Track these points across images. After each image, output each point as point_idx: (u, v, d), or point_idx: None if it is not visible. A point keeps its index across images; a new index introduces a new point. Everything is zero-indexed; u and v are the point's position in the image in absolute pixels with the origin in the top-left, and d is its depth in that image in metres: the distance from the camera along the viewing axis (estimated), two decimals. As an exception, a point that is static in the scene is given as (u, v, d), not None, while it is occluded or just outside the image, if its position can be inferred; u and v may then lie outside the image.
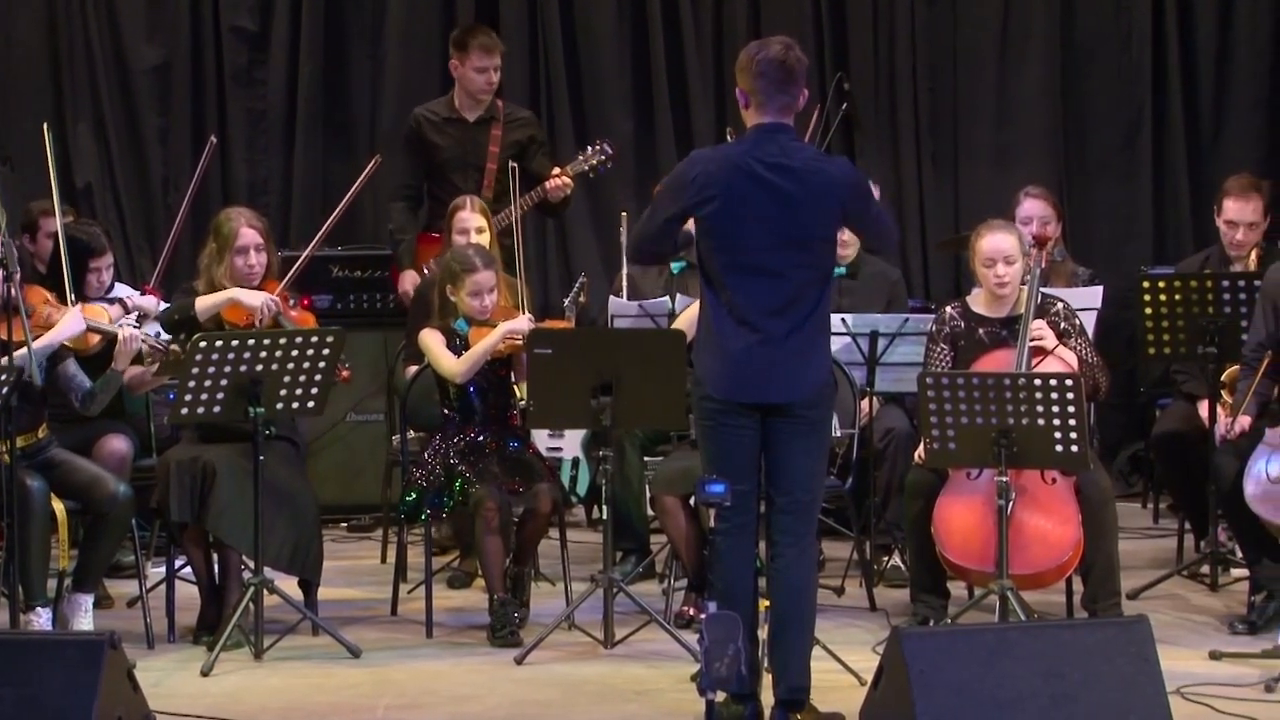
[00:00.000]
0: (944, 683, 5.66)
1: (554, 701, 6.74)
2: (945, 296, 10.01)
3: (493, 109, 9.40)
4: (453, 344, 7.71)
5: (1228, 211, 8.70)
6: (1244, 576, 7.94)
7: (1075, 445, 7.00)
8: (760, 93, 6.19)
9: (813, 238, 6.17)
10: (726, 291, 6.18)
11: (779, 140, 6.19)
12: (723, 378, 6.19)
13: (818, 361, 6.24)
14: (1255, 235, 8.68)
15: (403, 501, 7.75)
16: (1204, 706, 6.43)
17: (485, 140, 9.33)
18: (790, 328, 6.15)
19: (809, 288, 6.17)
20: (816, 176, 6.17)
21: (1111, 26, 10.93)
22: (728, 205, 6.15)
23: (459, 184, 9.18)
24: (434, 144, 9.37)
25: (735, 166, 6.18)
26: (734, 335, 6.17)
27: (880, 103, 10.90)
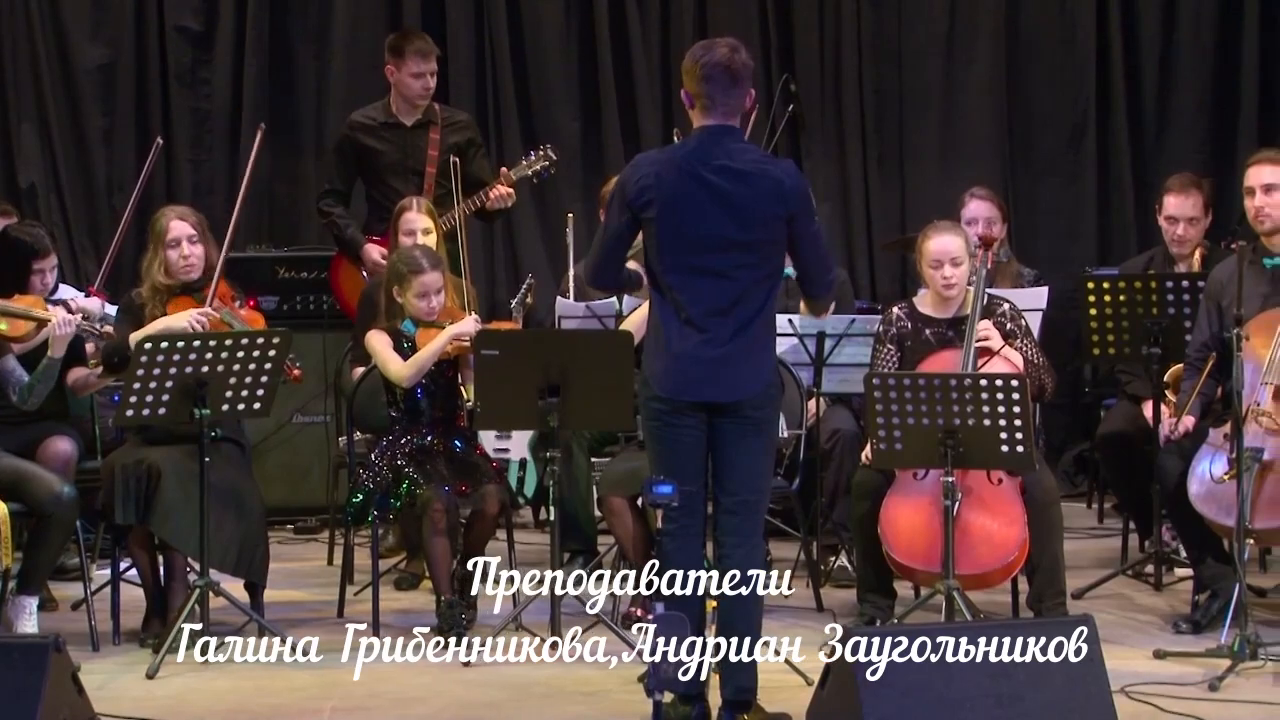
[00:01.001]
0: (890, 683, 5.67)
1: (501, 702, 6.73)
2: (892, 297, 10.05)
3: (430, 112, 9.37)
4: (400, 345, 7.69)
5: (1168, 207, 8.76)
6: (1188, 576, 7.98)
7: (1021, 446, 7.03)
8: (705, 95, 6.19)
9: (758, 239, 6.17)
10: (672, 292, 6.19)
11: (724, 142, 6.20)
12: (668, 377, 6.20)
13: (763, 362, 6.24)
14: (1196, 231, 8.73)
15: (349, 503, 7.73)
16: (1149, 705, 6.46)
17: (424, 144, 9.30)
18: (736, 328, 6.15)
19: (754, 288, 6.18)
20: (762, 178, 6.17)
21: (1056, 28, 10.98)
22: (673, 207, 6.15)
23: (399, 188, 9.15)
24: (372, 149, 9.32)
25: (680, 168, 6.18)
26: (679, 335, 6.17)
27: (826, 104, 10.92)
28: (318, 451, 9.63)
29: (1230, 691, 6.64)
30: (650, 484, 6.04)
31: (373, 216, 9.32)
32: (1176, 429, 7.67)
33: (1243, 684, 6.73)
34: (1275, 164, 7.71)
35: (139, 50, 10.59)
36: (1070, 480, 10.55)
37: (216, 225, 8.15)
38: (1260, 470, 7.26)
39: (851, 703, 5.67)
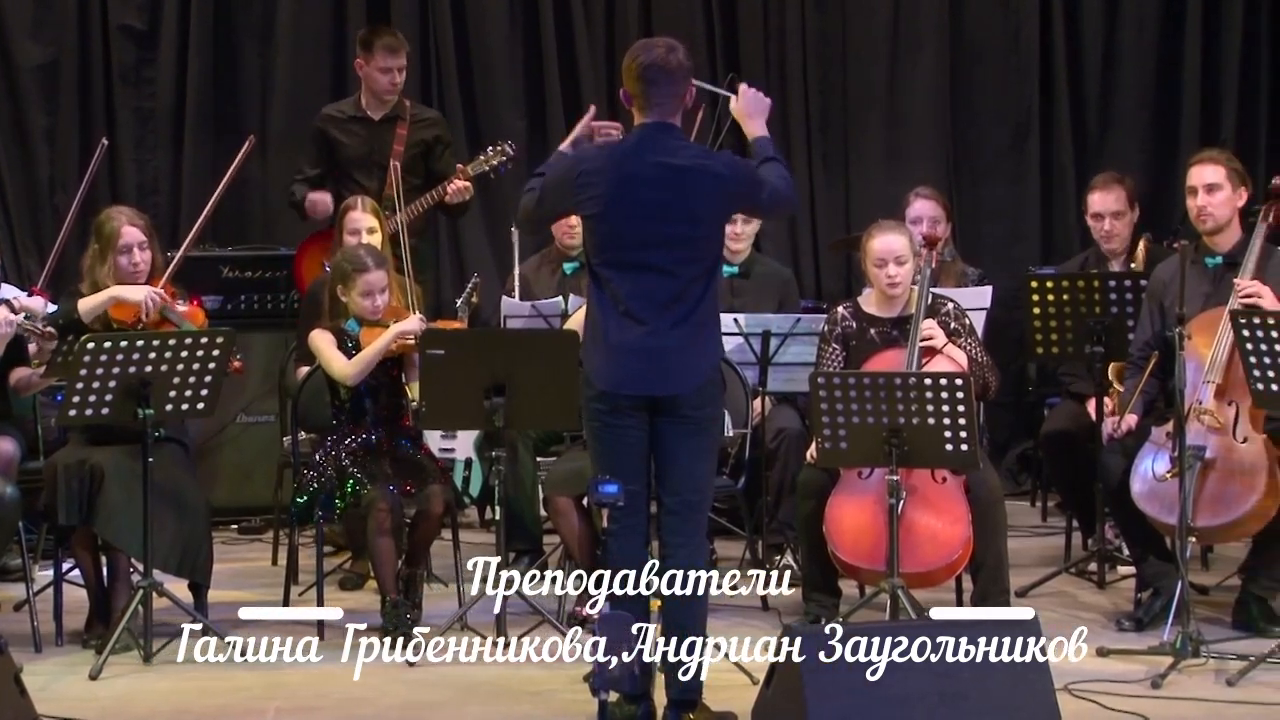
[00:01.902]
0: (836, 681, 5.69)
1: (446, 702, 6.72)
2: (837, 296, 10.06)
3: (399, 108, 9.40)
4: (344, 344, 7.68)
5: (1092, 205, 8.83)
6: (1131, 574, 8.02)
7: (965, 444, 7.06)
8: (643, 94, 6.22)
9: (697, 234, 6.19)
10: (611, 286, 6.20)
11: (663, 139, 6.22)
12: (608, 371, 6.20)
13: (703, 356, 6.24)
14: (1122, 225, 8.79)
15: (294, 503, 7.71)
16: (1091, 703, 6.50)
17: (390, 139, 9.33)
18: (675, 322, 6.16)
19: (694, 283, 6.19)
20: (701, 173, 6.19)
21: (1000, 28, 11.02)
22: (612, 203, 6.17)
23: (362, 182, 9.19)
24: (339, 142, 9.37)
25: (619, 165, 6.20)
26: (619, 329, 6.18)
27: (771, 103, 10.92)
28: (262, 451, 9.59)
29: (1173, 689, 6.68)
30: (596, 483, 6.05)
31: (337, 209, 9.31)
32: (1119, 427, 7.71)
33: (1185, 681, 6.76)
34: (1217, 164, 7.75)
35: (82, 49, 10.53)
36: (1014, 479, 10.59)
37: (160, 225, 8.11)
38: (1202, 469, 7.31)
39: (796, 701, 5.68)
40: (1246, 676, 6.75)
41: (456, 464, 8.97)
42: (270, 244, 9.90)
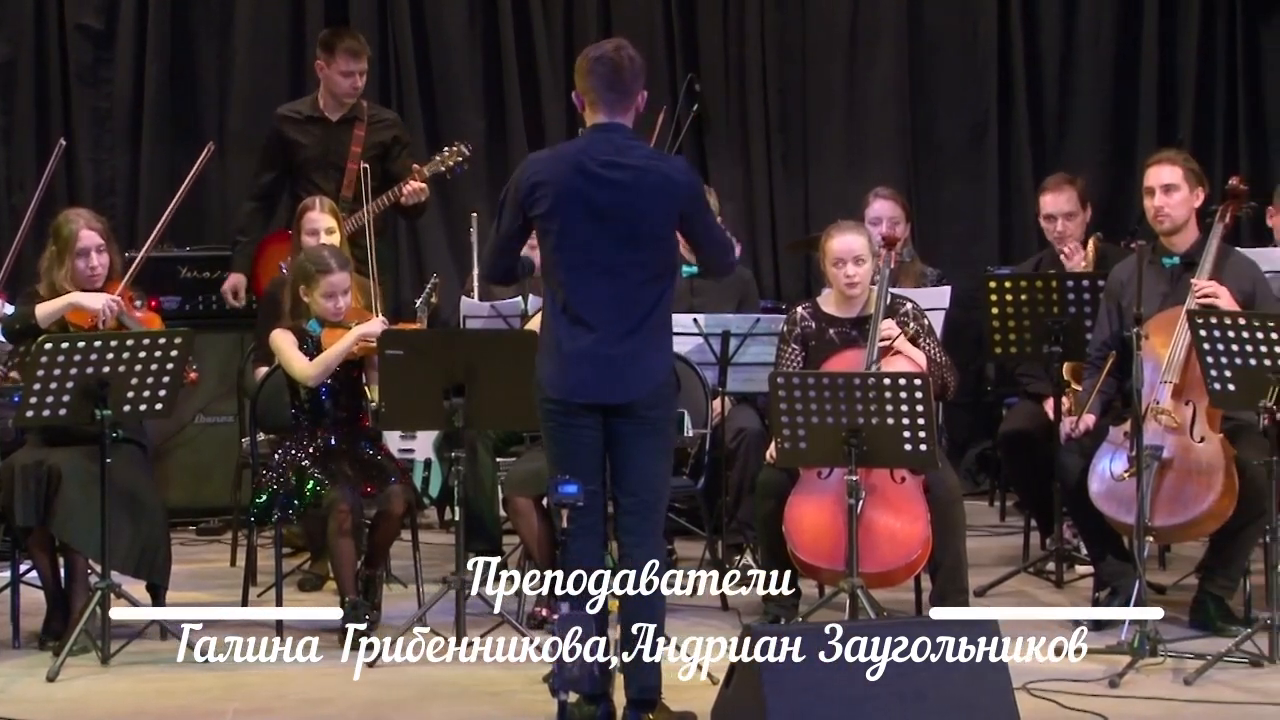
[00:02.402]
0: (795, 681, 5.69)
1: (405, 703, 6.71)
2: (796, 297, 10.08)
3: (357, 109, 9.38)
4: (305, 345, 7.66)
5: (1044, 206, 8.88)
6: (1089, 573, 8.04)
7: (924, 444, 7.07)
8: (593, 92, 6.21)
9: (649, 236, 6.16)
10: (563, 291, 6.18)
11: (614, 139, 6.20)
12: (559, 379, 6.19)
13: (656, 361, 6.22)
14: (1075, 226, 8.83)
15: (253, 504, 7.69)
16: (1050, 702, 6.51)
17: (348, 140, 9.30)
18: (628, 328, 6.14)
19: (646, 287, 6.17)
20: (652, 175, 6.17)
21: (958, 28, 11.05)
22: (563, 205, 6.15)
23: (320, 183, 9.17)
24: (296, 142, 9.34)
25: (569, 166, 6.17)
26: (570, 336, 6.16)
27: (730, 103, 10.95)
28: (221, 452, 9.57)
29: (1130, 688, 6.70)
30: (555, 484, 6.05)
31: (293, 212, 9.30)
32: (1077, 427, 7.74)
33: (1143, 680, 6.79)
34: (1174, 164, 7.78)
35: (39, 49, 10.49)
36: (972, 478, 10.62)
37: (117, 226, 8.09)
38: (1160, 468, 7.34)
39: (756, 701, 5.69)
40: (1204, 675, 6.78)
41: (416, 464, 8.95)
42: (228, 245, 9.86)
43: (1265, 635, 6.98)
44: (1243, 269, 7.75)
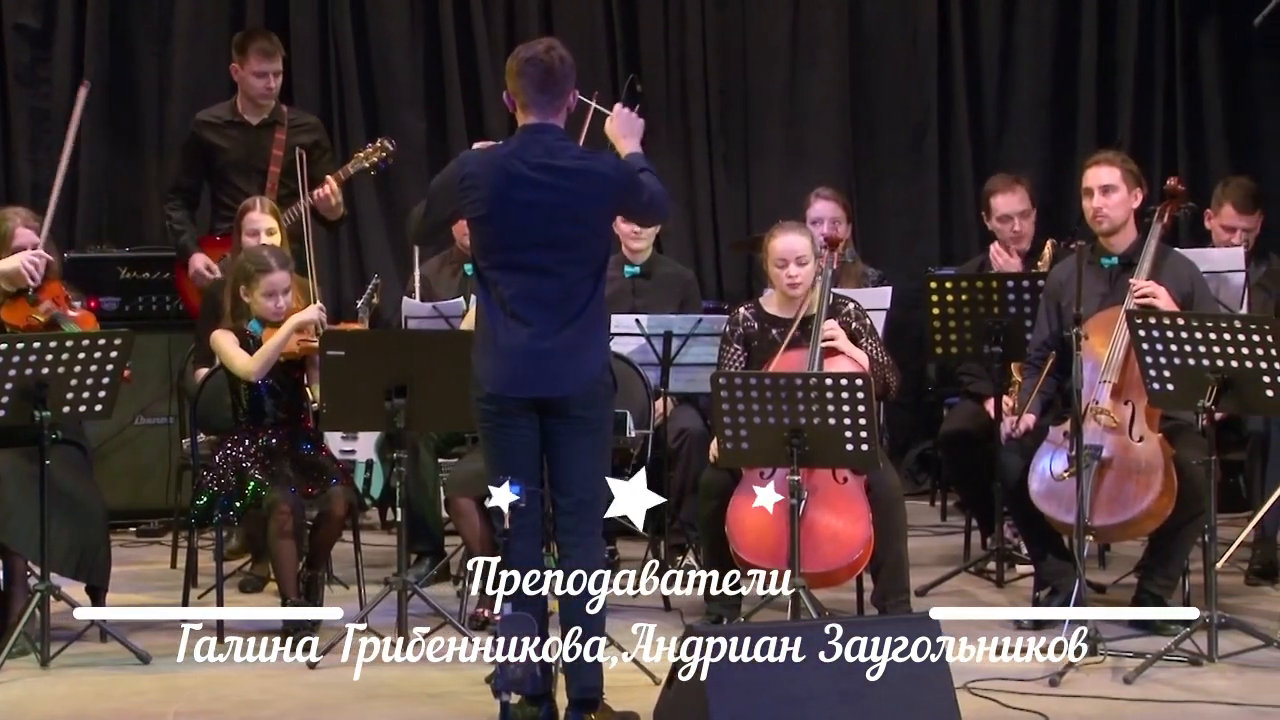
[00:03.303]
0: (737, 681, 5.70)
1: (347, 705, 6.69)
2: (738, 297, 10.09)
3: (277, 113, 9.33)
4: (246, 345, 7.64)
5: (998, 208, 8.89)
6: (1029, 573, 8.07)
7: (865, 444, 7.09)
8: (524, 93, 6.22)
9: (582, 235, 6.18)
10: (498, 289, 6.19)
11: (544, 140, 6.21)
12: (496, 373, 6.20)
13: (591, 357, 6.24)
14: (1029, 224, 8.88)
15: (193, 505, 7.66)
16: (991, 701, 6.53)
17: (268, 143, 9.25)
18: (562, 324, 6.16)
19: (580, 284, 6.19)
20: (583, 174, 6.18)
21: (898, 28, 11.08)
22: (495, 205, 6.16)
23: (242, 187, 9.11)
24: (216, 147, 9.28)
25: (501, 167, 6.18)
26: (506, 331, 6.17)
27: (672, 104, 10.96)
28: (160, 453, 9.53)
29: (1070, 686, 6.72)
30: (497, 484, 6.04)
31: (216, 216, 9.30)
32: (1017, 427, 7.77)
33: (1083, 679, 6.82)
34: (1112, 165, 7.82)
35: (-24, 48, 10.44)
36: (914, 478, 10.64)
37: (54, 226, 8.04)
38: (1099, 468, 7.38)
39: (698, 701, 5.69)
40: (1143, 674, 6.81)
41: (358, 465, 8.94)
42: (168, 245, 9.82)
43: (1204, 634, 7.02)
44: (1181, 269, 7.79)
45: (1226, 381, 6.98)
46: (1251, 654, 7.01)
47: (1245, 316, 7.60)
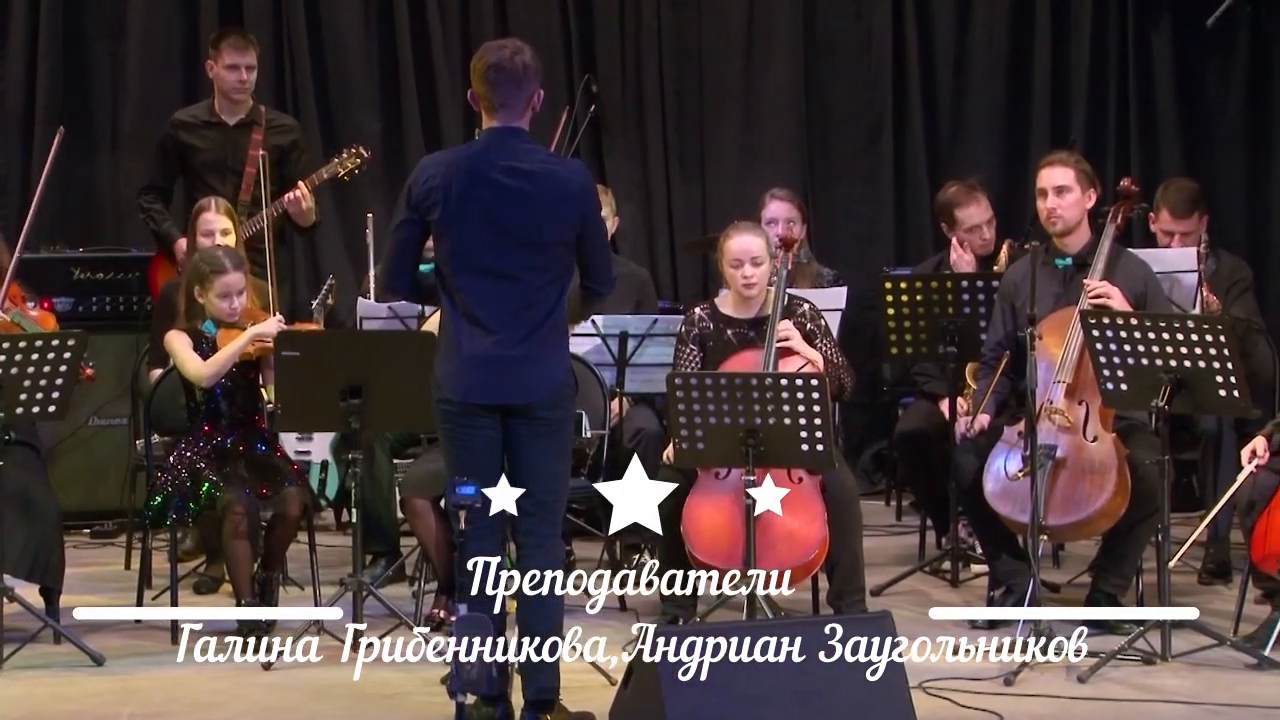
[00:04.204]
0: (692, 681, 5.70)
1: (302, 706, 6.68)
2: (693, 298, 10.09)
3: (254, 113, 9.32)
4: (200, 346, 7.61)
5: (965, 220, 8.92)
6: (984, 572, 8.10)
7: (821, 444, 7.10)
8: (488, 95, 6.20)
9: (547, 240, 6.17)
10: (461, 295, 6.17)
11: (511, 143, 6.19)
12: (459, 380, 6.19)
13: (555, 363, 6.23)
14: (993, 230, 8.91)
15: (147, 506, 7.64)
16: (945, 700, 6.55)
17: (245, 143, 9.24)
18: (527, 330, 6.15)
19: (545, 290, 6.18)
20: (550, 179, 6.17)
21: (853, 30, 11.09)
22: (460, 208, 6.14)
23: (216, 187, 9.09)
24: (192, 146, 9.27)
25: (466, 170, 6.17)
26: (470, 338, 6.16)
27: (627, 104, 10.95)
28: (115, 454, 9.49)
29: (1025, 685, 6.75)
30: (453, 485, 6.04)
31: None
32: (972, 427, 7.79)
33: (1037, 678, 6.84)
34: (1066, 165, 7.84)
35: (-72, 47, 10.39)
36: (869, 478, 10.66)
37: (9, 225, 8.01)
38: (1053, 468, 7.41)
39: (654, 701, 5.70)
40: (1097, 673, 6.84)
41: (313, 466, 8.91)
42: (122, 245, 9.79)
43: (1157, 633, 7.05)
44: (1135, 269, 7.83)
45: (1179, 381, 7.01)
46: (1204, 653, 7.05)
47: (1197, 316, 7.64)
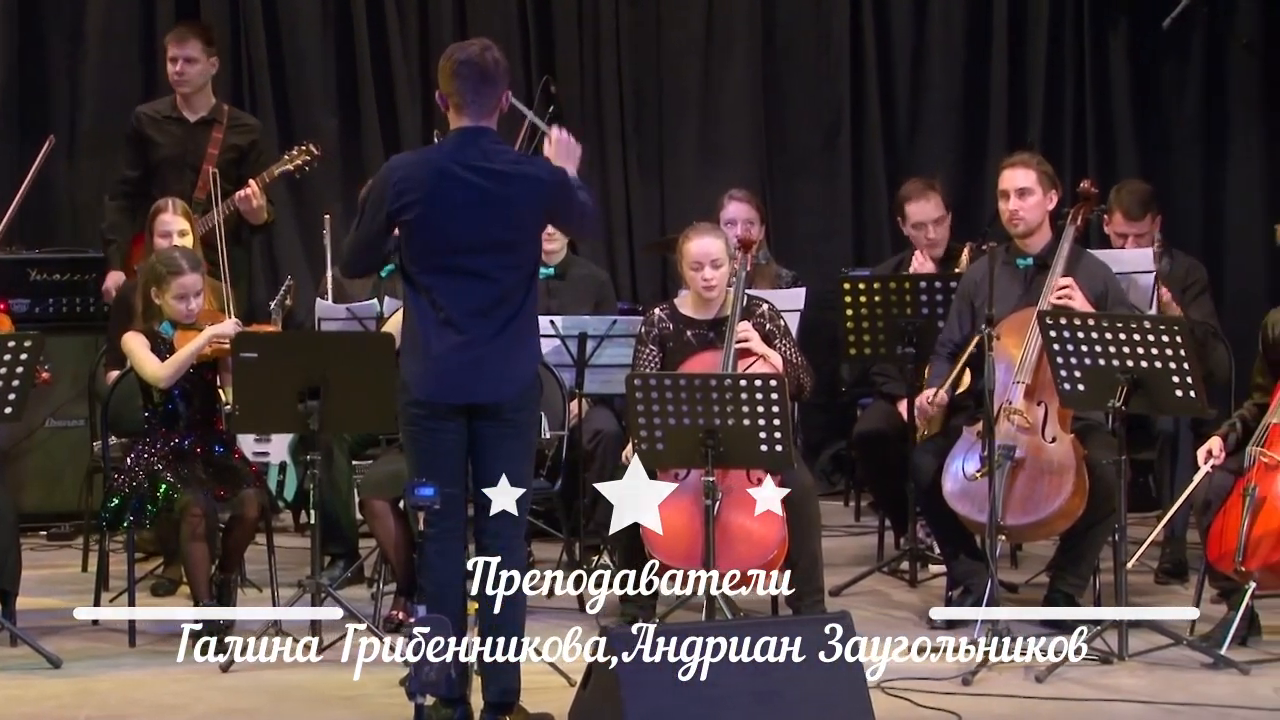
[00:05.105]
0: (652, 682, 5.71)
1: (261, 708, 6.67)
2: (652, 298, 10.09)
3: (216, 111, 9.29)
4: (157, 348, 7.59)
5: (913, 215, 8.94)
6: (941, 572, 8.12)
7: (780, 445, 7.11)
8: (458, 94, 6.19)
9: (516, 239, 6.18)
10: (430, 294, 6.17)
11: (480, 143, 6.19)
12: (427, 380, 6.18)
13: (524, 363, 6.24)
14: (943, 230, 8.92)
15: (104, 508, 7.61)
16: (904, 700, 6.57)
17: (205, 141, 9.21)
18: (496, 330, 6.15)
19: (514, 289, 6.18)
20: (519, 179, 6.18)
21: (811, 28, 11.09)
22: (429, 208, 6.14)
23: (173, 184, 9.06)
24: (153, 141, 9.24)
25: (436, 169, 6.17)
26: (438, 337, 6.15)
27: (586, 104, 10.95)
28: (71, 456, 9.45)
29: (983, 685, 6.77)
30: (412, 486, 6.04)
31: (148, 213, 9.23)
32: (933, 400, 7.77)
33: (995, 678, 6.87)
34: (1028, 167, 7.86)
35: (-116, 48, 10.33)
36: (828, 479, 10.66)
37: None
38: (1012, 468, 7.43)
39: (613, 702, 5.70)
40: (1055, 673, 6.86)
41: (271, 468, 8.88)
42: (79, 246, 9.75)
43: (1114, 633, 7.08)
44: (1095, 270, 7.86)
45: (1136, 382, 7.04)
46: (1161, 652, 7.08)
47: (1154, 317, 7.67)
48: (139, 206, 9.35)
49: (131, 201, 9.34)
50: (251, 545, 7.80)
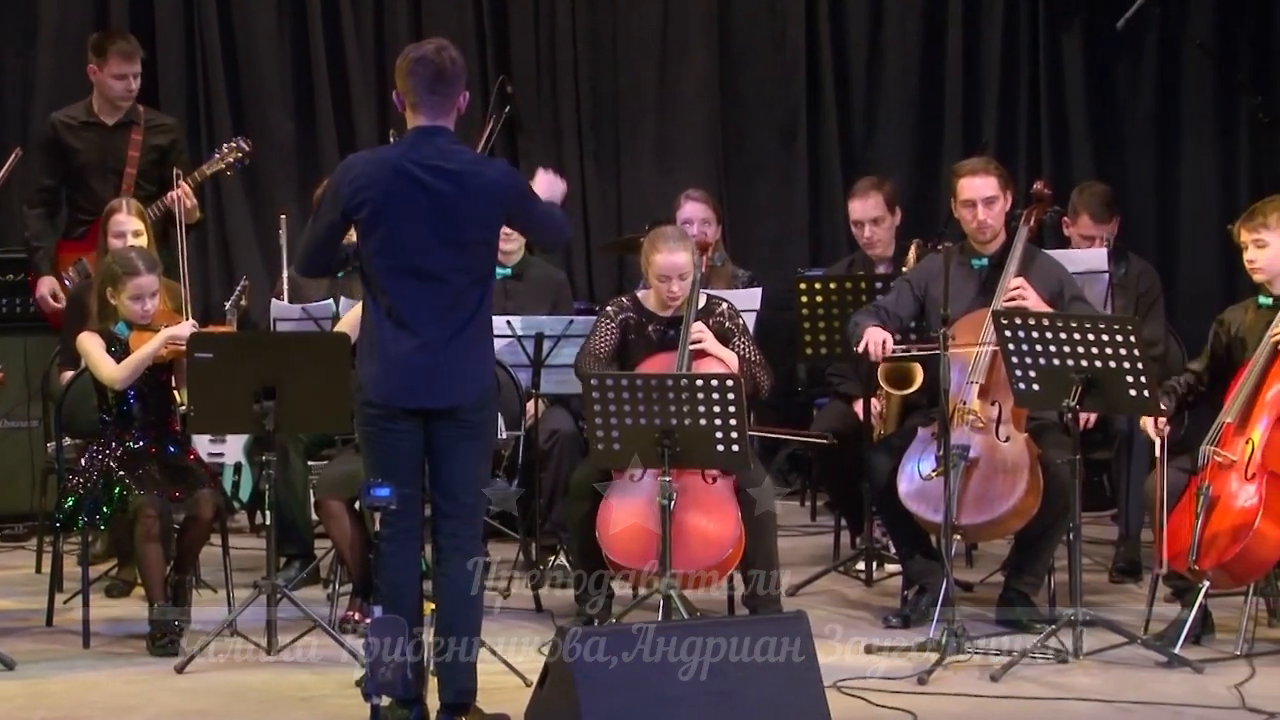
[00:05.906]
0: (609, 682, 5.71)
1: (215, 710, 6.65)
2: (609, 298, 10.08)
3: (133, 113, 9.24)
4: (113, 348, 7.56)
5: (852, 213, 8.97)
6: (897, 572, 8.13)
7: (736, 445, 7.11)
8: (414, 93, 6.18)
9: (472, 240, 6.16)
10: (386, 295, 6.15)
11: (436, 142, 6.17)
12: (384, 382, 6.16)
13: (480, 365, 6.22)
14: (883, 231, 8.92)
15: (58, 509, 7.58)
16: (860, 700, 6.58)
17: (124, 144, 9.16)
18: (452, 332, 6.13)
19: (469, 291, 6.16)
20: (475, 179, 6.16)
21: (767, 28, 11.11)
22: (385, 207, 6.12)
23: (97, 189, 9.03)
24: (72, 148, 9.19)
25: (392, 168, 6.14)
26: (394, 339, 6.14)
27: (543, 104, 10.94)
28: (24, 457, 9.41)
29: (938, 684, 6.78)
30: (368, 487, 6.03)
31: (72, 219, 9.21)
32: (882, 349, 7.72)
33: (950, 677, 6.88)
34: (989, 174, 7.85)
35: None
36: (784, 478, 10.67)
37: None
38: (966, 468, 7.44)
39: (570, 702, 5.70)
40: (1010, 672, 6.88)
41: (226, 468, 8.86)
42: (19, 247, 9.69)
43: (1069, 632, 7.10)
44: (1049, 269, 7.88)
45: (1090, 381, 7.06)
46: (1115, 651, 7.10)
47: (1108, 317, 7.69)
48: (58, 214, 9.32)
49: (50, 209, 9.30)
50: (207, 546, 7.78)
